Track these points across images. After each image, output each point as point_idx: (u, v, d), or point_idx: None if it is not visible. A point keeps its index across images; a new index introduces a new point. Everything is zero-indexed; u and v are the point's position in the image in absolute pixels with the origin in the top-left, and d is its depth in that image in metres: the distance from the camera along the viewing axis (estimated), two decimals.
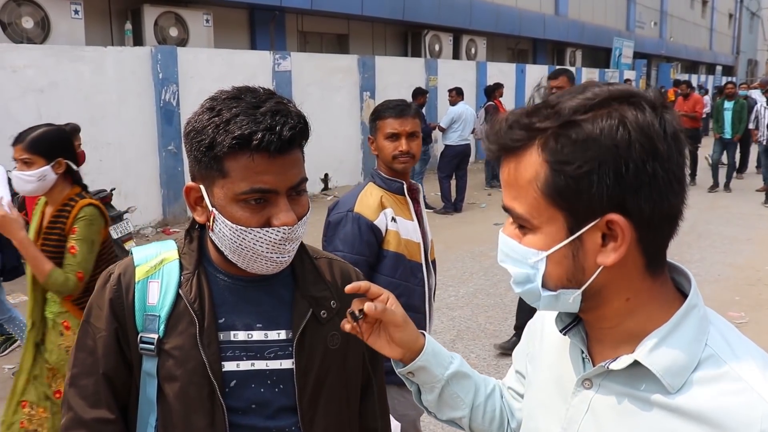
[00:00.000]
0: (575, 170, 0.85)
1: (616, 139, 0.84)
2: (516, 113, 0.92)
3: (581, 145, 0.85)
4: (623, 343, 0.95)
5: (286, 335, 1.35)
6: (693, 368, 0.89)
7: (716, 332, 0.93)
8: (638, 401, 0.92)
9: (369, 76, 13.03)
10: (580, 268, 0.91)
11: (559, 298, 0.94)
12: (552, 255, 0.91)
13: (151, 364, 1.31)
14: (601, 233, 0.88)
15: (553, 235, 0.90)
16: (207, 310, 1.31)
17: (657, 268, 0.93)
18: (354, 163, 13.04)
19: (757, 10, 45.84)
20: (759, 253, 8.22)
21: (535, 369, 1.16)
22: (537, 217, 0.91)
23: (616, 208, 0.86)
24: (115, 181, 8.40)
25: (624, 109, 0.86)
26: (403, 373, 1.24)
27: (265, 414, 1.33)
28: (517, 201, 0.93)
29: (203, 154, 1.22)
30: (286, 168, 1.23)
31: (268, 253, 1.26)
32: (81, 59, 8.46)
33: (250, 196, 1.21)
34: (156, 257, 1.38)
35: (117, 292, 1.34)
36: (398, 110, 2.64)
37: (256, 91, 1.26)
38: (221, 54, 10.37)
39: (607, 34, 23.69)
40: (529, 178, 0.90)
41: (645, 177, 0.84)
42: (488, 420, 1.28)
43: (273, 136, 1.18)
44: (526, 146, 0.90)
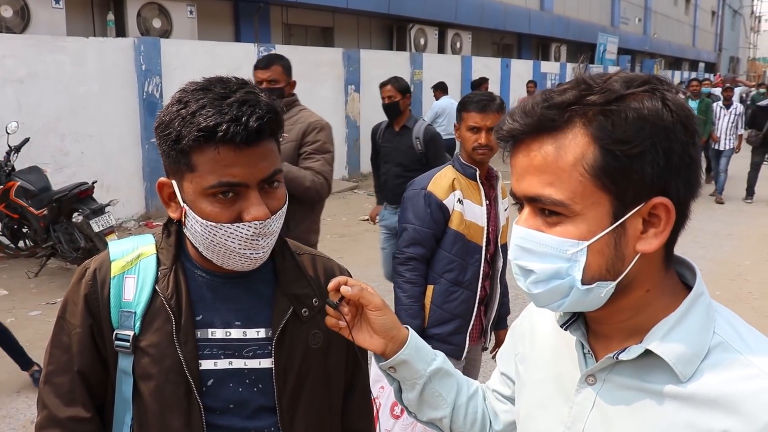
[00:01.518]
0: (631, 149, 0.82)
1: (665, 119, 0.83)
2: (548, 93, 0.88)
3: (634, 123, 0.82)
4: (629, 336, 0.93)
5: (265, 333, 1.32)
6: (703, 356, 0.88)
7: (723, 320, 0.92)
8: (648, 393, 0.90)
9: (354, 69, 12.98)
10: (620, 257, 0.87)
11: (591, 293, 0.88)
12: (593, 244, 0.86)
13: (126, 362, 1.28)
14: (642, 219, 0.86)
15: (596, 221, 0.85)
16: (184, 307, 1.28)
17: (669, 258, 0.93)
18: (338, 157, 12.96)
19: (738, 8, 46.24)
20: (740, 248, 8.31)
21: (528, 369, 1.13)
22: (580, 202, 0.85)
23: (661, 191, 0.84)
24: (97, 173, 8.31)
25: (662, 90, 0.85)
26: (384, 367, 1.22)
27: (243, 414, 1.30)
28: (553, 186, 0.86)
29: (171, 147, 1.18)
30: (256, 160, 1.18)
31: (240, 249, 1.21)
32: (62, 50, 8.34)
33: (218, 189, 1.17)
34: (133, 252, 1.34)
35: (92, 288, 1.31)
36: (481, 105, 2.83)
37: (227, 82, 1.21)
38: (205, 46, 10.28)
39: (592, 29, 23.79)
40: (573, 160, 0.84)
41: (688, 159, 0.84)
42: (470, 422, 1.26)
43: (239, 127, 1.13)
44: (567, 125, 0.85)
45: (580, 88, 0.86)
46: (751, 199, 11.39)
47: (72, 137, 8.50)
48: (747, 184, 11.40)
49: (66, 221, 6.49)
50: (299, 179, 3.40)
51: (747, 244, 8.48)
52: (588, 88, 0.85)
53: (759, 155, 11.28)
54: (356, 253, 7.78)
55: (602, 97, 0.84)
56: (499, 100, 2.91)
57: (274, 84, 3.65)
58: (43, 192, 6.69)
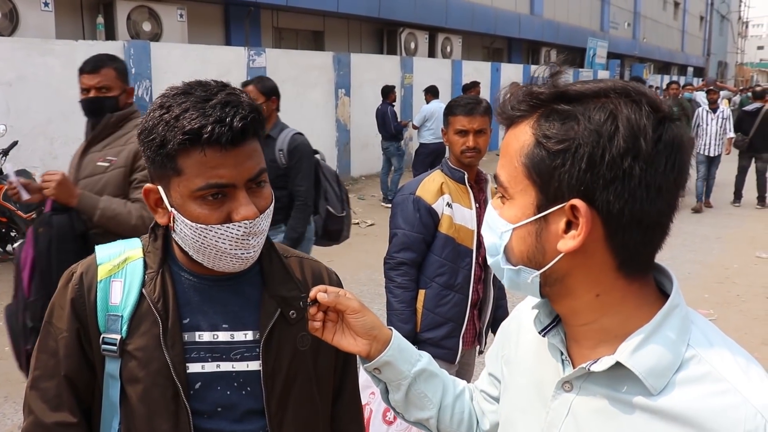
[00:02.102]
0: (553, 145, 0.86)
1: (601, 127, 0.84)
2: (527, 86, 0.94)
3: (567, 123, 0.86)
4: (602, 343, 0.93)
5: (253, 336, 1.32)
6: (676, 369, 0.88)
7: (698, 332, 0.91)
8: (620, 404, 0.90)
9: (344, 73, 12.99)
10: (541, 250, 0.91)
11: (520, 275, 0.94)
12: (518, 229, 0.93)
13: (113, 366, 1.28)
14: (566, 219, 0.88)
15: (523, 208, 0.92)
16: (171, 310, 1.28)
17: (635, 271, 0.91)
18: (329, 161, 12.87)
19: (726, 13, 46.61)
20: (728, 251, 8.36)
21: (511, 373, 1.14)
22: (513, 186, 0.93)
23: (585, 197, 0.85)
24: None
25: (621, 102, 0.86)
26: (369, 369, 1.22)
27: (231, 417, 1.30)
28: (503, 168, 0.95)
29: (156, 153, 1.18)
30: (242, 160, 1.18)
31: (232, 250, 1.22)
32: (51, 53, 8.31)
33: (207, 192, 1.17)
34: (119, 256, 1.34)
35: (79, 292, 1.30)
36: (468, 108, 2.85)
37: (207, 85, 1.22)
38: (195, 49, 10.26)
39: (582, 34, 23.91)
40: (517, 148, 0.92)
41: (619, 172, 0.83)
42: (456, 422, 1.26)
43: (224, 128, 1.14)
44: (524, 117, 0.92)
45: (549, 87, 0.91)
46: (738, 202, 11.45)
47: (61, 140, 8.47)
48: (735, 188, 11.47)
49: None
50: (122, 216, 2.72)
51: (735, 248, 8.54)
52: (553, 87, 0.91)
53: (746, 159, 11.36)
54: (346, 257, 7.77)
55: (549, 91, 0.90)
56: (485, 103, 2.92)
57: (105, 92, 2.99)
58: None
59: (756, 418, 0.82)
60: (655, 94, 0.89)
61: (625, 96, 0.87)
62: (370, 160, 13.74)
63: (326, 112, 12.76)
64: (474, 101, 2.89)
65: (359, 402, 1.57)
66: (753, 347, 5.30)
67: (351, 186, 12.82)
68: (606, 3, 26.86)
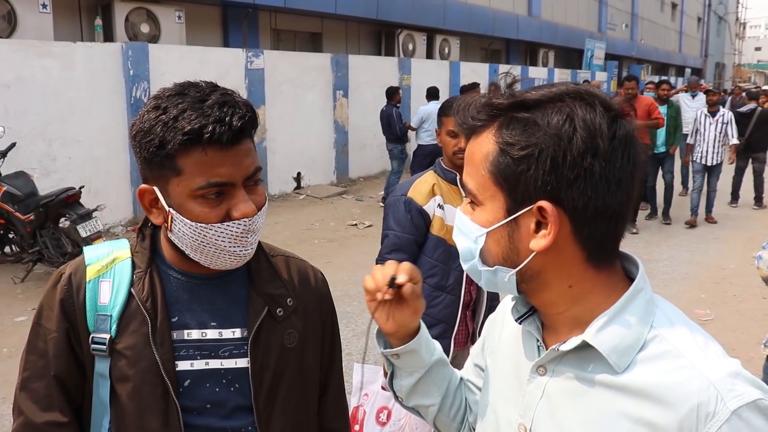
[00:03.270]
0: (517, 152, 0.91)
1: (560, 130, 0.90)
2: (484, 96, 0.98)
3: (527, 129, 0.91)
4: (575, 329, 0.98)
5: (241, 333, 1.34)
6: (639, 348, 0.93)
7: (662, 314, 0.96)
8: (587, 382, 0.95)
9: (342, 74, 13.01)
10: (515, 250, 0.96)
11: (497, 275, 0.99)
12: (491, 233, 0.97)
13: (103, 365, 1.29)
14: (536, 220, 0.93)
15: (493, 213, 0.96)
16: (160, 309, 1.29)
17: (602, 260, 0.97)
18: (327, 162, 13.01)
19: (724, 14, 46.67)
20: (724, 251, 8.38)
21: (494, 362, 1.18)
22: (482, 193, 0.97)
23: (551, 197, 0.91)
24: (85, 178, 8.28)
25: (576, 105, 0.92)
26: (390, 353, 1.21)
27: (220, 414, 1.32)
28: (470, 177, 0.99)
29: (154, 154, 1.20)
30: (240, 158, 1.21)
31: (231, 248, 1.24)
32: (49, 54, 8.32)
33: (208, 191, 1.20)
34: (108, 256, 1.36)
35: (68, 292, 1.32)
36: None
37: (198, 86, 1.24)
38: (193, 51, 10.27)
39: (580, 35, 23.94)
40: (481, 156, 0.96)
41: (581, 171, 0.89)
42: (454, 411, 1.29)
43: (224, 127, 1.17)
44: (485, 126, 0.97)
45: (507, 97, 0.96)
46: (735, 203, 11.49)
47: (59, 142, 8.48)
48: (732, 189, 11.49)
49: (53, 226, 6.47)
50: None
51: (732, 248, 8.56)
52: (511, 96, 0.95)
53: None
54: (344, 258, 7.79)
55: (508, 101, 0.94)
56: None
57: None
58: (29, 197, 6.66)
59: (709, 390, 0.86)
60: (605, 94, 0.95)
61: (579, 99, 0.92)
62: (368, 161, 13.76)
63: (324, 114, 12.78)
64: None
65: (344, 397, 1.59)
66: (749, 347, 5.31)
67: (349, 187, 12.84)
68: (604, 4, 26.89)
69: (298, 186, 12.35)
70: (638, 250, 8.36)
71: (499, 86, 0.99)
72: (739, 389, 0.86)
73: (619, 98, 0.96)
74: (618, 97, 0.96)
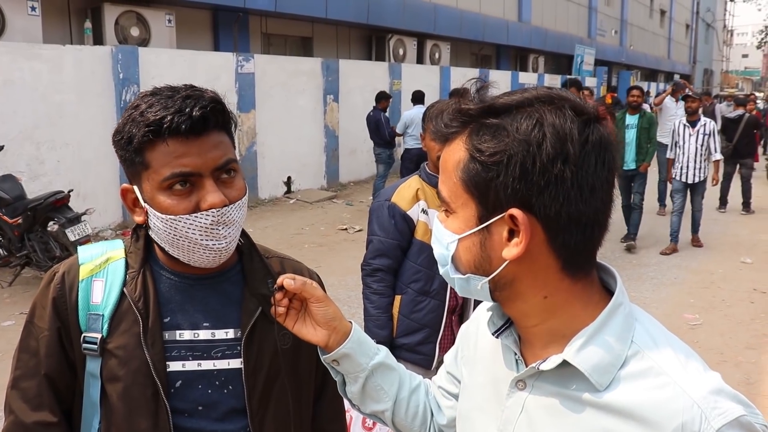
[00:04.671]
0: (486, 158, 0.90)
1: (529, 136, 0.88)
2: (456, 103, 0.97)
3: (495, 135, 0.90)
4: (551, 343, 0.97)
5: (234, 334, 1.33)
6: (620, 365, 0.91)
7: (641, 329, 0.95)
8: (569, 400, 0.94)
9: (333, 79, 13.01)
10: (487, 258, 0.94)
11: (470, 283, 0.98)
12: (462, 240, 0.96)
13: (94, 365, 1.29)
14: (508, 228, 0.91)
15: (465, 220, 0.95)
16: (152, 309, 1.29)
17: (577, 270, 0.94)
18: (317, 166, 13.01)
19: (712, 21, 47.05)
20: (713, 256, 8.43)
21: (470, 373, 1.17)
22: (455, 200, 0.96)
23: (522, 204, 0.89)
24: (74, 182, 8.24)
25: (545, 110, 0.90)
26: (327, 360, 1.24)
27: (212, 416, 1.31)
28: (443, 184, 0.99)
29: (125, 150, 1.23)
30: (206, 149, 1.22)
31: (203, 240, 1.23)
32: (38, 57, 8.28)
33: (173, 181, 1.20)
34: (101, 256, 1.36)
35: (60, 291, 1.32)
36: None
37: (176, 87, 1.26)
38: (184, 55, 10.25)
39: (569, 41, 24.05)
40: (453, 164, 0.95)
41: (551, 177, 0.87)
42: (411, 415, 1.29)
43: (183, 117, 1.18)
44: (457, 134, 0.96)
45: (477, 103, 0.94)
46: (724, 208, 11.56)
47: (48, 145, 8.43)
48: (720, 194, 11.56)
49: (41, 230, 6.43)
50: None
51: (720, 253, 8.61)
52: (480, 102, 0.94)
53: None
54: (334, 263, 7.78)
55: (477, 106, 0.93)
56: None
57: None
58: (17, 200, 6.62)
59: (693, 409, 0.86)
60: (579, 98, 0.93)
61: (549, 104, 0.90)
62: (358, 165, 13.76)
63: (315, 118, 12.77)
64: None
65: (341, 401, 1.58)
66: (737, 351, 5.35)
67: (339, 192, 12.83)
68: (593, 11, 27.05)
69: (288, 190, 12.33)
70: (627, 255, 8.40)
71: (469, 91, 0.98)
72: (722, 407, 0.86)
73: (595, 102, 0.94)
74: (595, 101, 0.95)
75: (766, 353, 5.35)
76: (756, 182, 12.06)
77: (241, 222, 1.29)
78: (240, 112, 11.00)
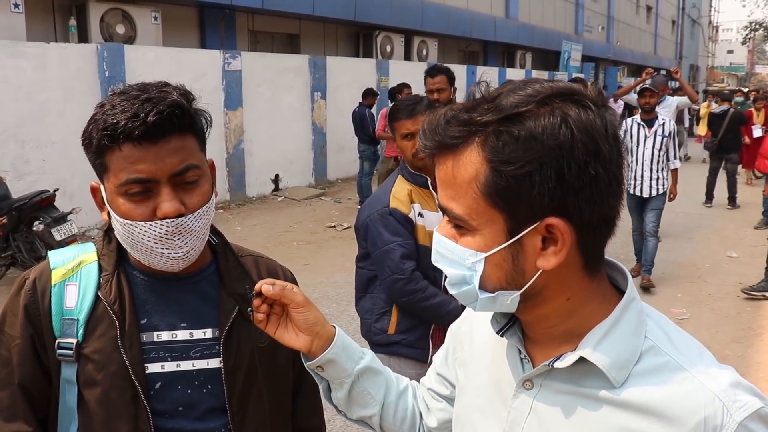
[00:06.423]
0: (516, 170, 0.82)
1: (559, 138, 0.82)
2: (455, 108, 0.89)
3: (523, 143, 0.82)
4: (565, 342, 0.94)
5: (212, 333, 1.32)
6: (635, 361, 0.89)
7: (654, 324, 0.93)
8: (583, 398, 0.91)
9: (320, 76, 12.98)
10: (519, 271, 0.88)
11: (497, 300, 0.91)
12: (490, 257, 0.88)
13: (70, 371, 1.26)
14: (542, 237, 0.86)
15: (492, 236, 0.87)
16: (128, 311, 1.27)
17: (595, 267, 0.92)
18: (305, 164, 12.98)
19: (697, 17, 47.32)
20: (699, 251, 8.49)
21: (467, 374, 1.13)
22: (476, 218, 0.88)
23: (557, 210, 0.84)
24: (60, 181, 8.18)
25: (567, 106, 0.84)
26: (312, 367, 1.21)
27: (193, 416, 1.30)
28: (455, 201, 0.89)
29: (88, 151, 1.22)
30: (163, 155, 1.18)
31: (158, 248, 1.21)
32: (22, 55, 8.20)
33: (128, 187, 1.18)
34: (73, 260, 1.33)
35: (32, 297, 1.29)
36: (409, 110, 2.82)
37: (148, 84, 1.22)
38: (170, 52, 10.19)
39: (557, 37, 24.12)
40: (468, 178, 0.86)
41: (587, 178, 0.83)
42: (399, 419, 1.26)
43: (136, 122, 1.15)
44: (465, 143, 0.87)
45: (482, 106, 0.87)
46: (710, 203, 11.64)
47: (33, 144, 8.36)
48: (706, 189, 11.65)
49: (26, 230, 6.38)
50: None
51: (707, 247, 8.67)
52: (488, 104, 0.86)
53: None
54: (322, 260, 7.77)
55: (495, 115, 0.84)
56: (426, 100, 2.89)
57: None
58: (2, 200, 6.56)
59: (714, 403, 0.85)
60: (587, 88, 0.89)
61: (569, 100, 0.85)
62: (346, 163, 13.74)
63: (302, 115, 12.74)
64: (413, 102, 2.85)
65: (318, 396, 1.57)
66: (724, 344, 5.39)
67: (327, 189, 12.81)
68: (580, 7, 27.13)
69: (276, 188, 12.30)
70: (615, 250, 8.42)
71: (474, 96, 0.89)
72: (741, 399, 0.85)
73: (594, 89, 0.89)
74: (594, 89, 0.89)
75: (752, 347, 5.40)
76: (741, 178, 12.14)
77: (203, 230, 1.25)
78: (227, 109, 10.96)
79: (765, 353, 5.27)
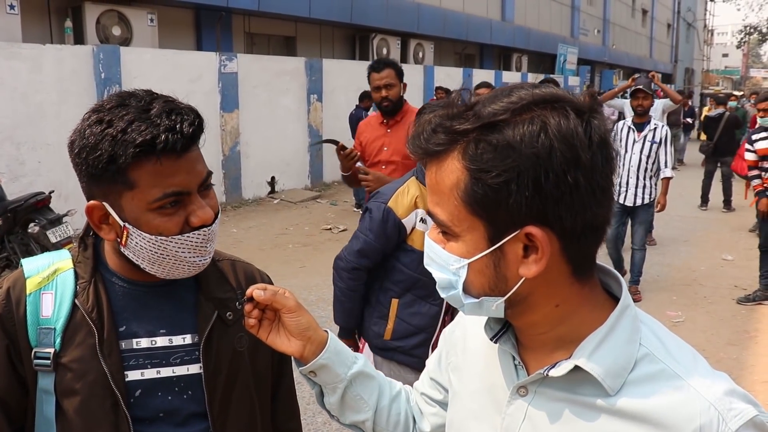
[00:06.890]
0: (494, 179, 0.82)
1: (537, 147, 0.81)
2: (439, 116, 0.89)
3: (501, 152, 0.82)
4: (558, 348, 0.94)
5: (191, 339, 1.32)
6: (630, 368, 0.89)
7: (648, 331, 0.93)
8: (578, 406, 0.91)
9: (316, 78, 12.98)
10: (502, 278, 0.89)
11: (483, 305, 0.92)
12: (473, 263, 0.89)
13: (47, 381, 1.24)
14: (523, 244, 0.86)
15: (474, 243, 0.88)
16: (106, 319, 1.26)
17: (585, 273, 0.92)
18: (301, 166, 12.97)
19: (693, 21, 47.45)
20: (695, 254, 8.50)
21: (461, 380, 1.13)
22: (458, 225, 0.89)
23: (537, 219, 0.83)
24: (55, 183, 8.15)
25: (547, 114, 0.83)
26: (304, 372, 1.21)
27: (174, 422, 1.29)
28: (439, 207, 0.91)
29: (103, 170, 1.15)
30: (193, 165, 1.20)
31: (191, 258, 1.22)
32: (17, 57, 8.19)
33: (165, 201, 1.17)
34: (48, 268, 1.31)
35: (6, 307, 1.26)
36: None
37: (137, 95, 1.21)
38: (166, 54, 10.18)
39: (553, 40, 24.17)
40: (450, 185, 0.87)
41: (566, 187, 0.82)
42: (393, 424, 1.26)
43: (176, 135, 1.14)
44: (447, 151, 0.87)
45: (464, 114, 0.87)
46: (705, 206, 11.67)
47: (29, 146, 8.34)
48: (701, 192, 11.68)
49: (22, 232, 6.35)
50: None
51: (702, 250, 8.69)
52: (469, 112, 0.87)
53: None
54: (318, 263, 7.76)
55: (473, 123, 0.85)
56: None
57: None
58: None
59: (709, 411, 0.85)
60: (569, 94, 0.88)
61: (548, 107, 0.84)
62: None
63: (298, 118, 12.74)
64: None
65: (295, 399, 1.59)
66: (719, 347, 5.40)
67: (323, 191, 12.80)
68: (576, 10, 27.19)
69: (272, 190, 12.29)
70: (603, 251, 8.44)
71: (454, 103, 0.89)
72: (736, 407, 0.85)
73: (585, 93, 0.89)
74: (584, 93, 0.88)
75: (747, 349, 5.41)
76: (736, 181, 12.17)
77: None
78: (223, 112, 10.95)
79: (760, 356, 5.28)
